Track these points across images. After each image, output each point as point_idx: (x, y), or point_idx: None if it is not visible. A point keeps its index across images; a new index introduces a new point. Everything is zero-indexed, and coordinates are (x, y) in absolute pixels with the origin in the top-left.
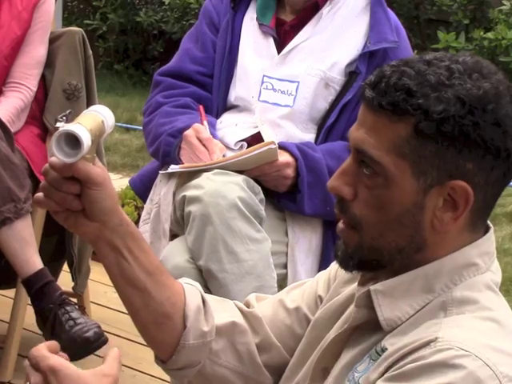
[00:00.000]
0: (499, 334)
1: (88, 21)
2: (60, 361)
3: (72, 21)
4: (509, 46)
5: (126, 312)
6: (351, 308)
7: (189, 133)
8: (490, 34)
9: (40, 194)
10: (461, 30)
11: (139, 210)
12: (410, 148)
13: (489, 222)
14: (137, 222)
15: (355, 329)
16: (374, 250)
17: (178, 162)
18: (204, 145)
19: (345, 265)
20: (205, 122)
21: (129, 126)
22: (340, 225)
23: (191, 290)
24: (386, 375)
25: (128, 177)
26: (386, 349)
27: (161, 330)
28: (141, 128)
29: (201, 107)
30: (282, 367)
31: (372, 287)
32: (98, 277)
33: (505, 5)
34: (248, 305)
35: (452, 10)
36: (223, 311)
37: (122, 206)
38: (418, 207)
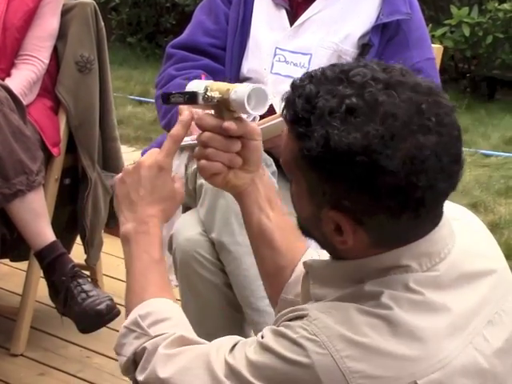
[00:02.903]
0: (380, 331)
1: None
2: None
3: None
4: None
5: None
6: None
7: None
8: (505, 6)
9: (203, 162)
10: (475, 2)
11: None
12: (301, 166)
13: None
14: None
15: None
16: (309, 235)
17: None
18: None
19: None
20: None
21: (142, 98)
22: None
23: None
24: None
25: (141, 150)
26: None
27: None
28: (154, 101)
29: (203, 77)
30: None
31: (309, 263)
32: (110, 249)
33: None
34: None
35: None
36: None
37: None
38: (318, 219)
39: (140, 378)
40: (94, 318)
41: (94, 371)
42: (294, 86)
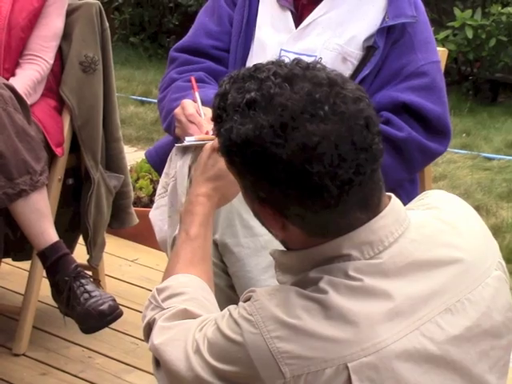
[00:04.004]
0: (313, 314)
1: None
2: None
3: None
4: None
5: (141, 285)
6: None
7: (177, 111)
8: (509, 9)
9: None
10: (478, 5)
11: (154, 183)
12: (225, 162)
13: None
14: (152, 196)
15: None
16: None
17: (179, 140)
18: (190, 120)
19: None
20: (196, 94)
21: (144, 98)
22: None
23: None
24: None
25: (143, 150)
26: None
27: None
28: (156, 101)
29: (192, 78)
30: None
31: (271, 252)
32: (112, 250)
33: None
34: None
35: None
36: None
37: (137, 179)
38: (256, 214)
39: (148, 345)
40: (96, 319)
41: (96, 372)
42: (218, 86)
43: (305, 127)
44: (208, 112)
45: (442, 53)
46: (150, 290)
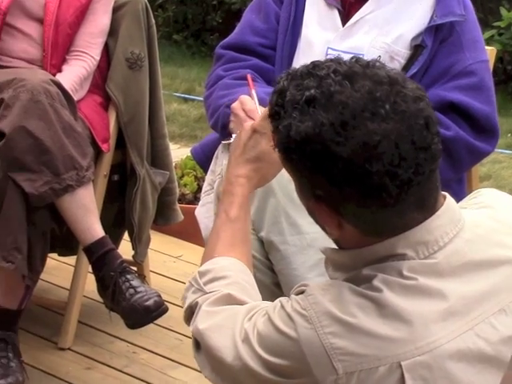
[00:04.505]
0: (367, 311)
1: None
2: None
3: None
4: None
5: (185, 282)
6: None
7: (235, 105)
8: None
9: None
10: None
11: (199, 180)
12: (281, 159)
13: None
14: (196, 193)
15: None
16: None
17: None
18: (249, 116)
19: None
20: (253, 92)
21: (187, 96)
22: None
23: None
24: None
25: (186, 147)
26: None
27: None
28: (199, 98)
29: (248, 76)
30: None
31: (323, 250)
32: (157, 246)
33: None
34: None
35: None
36: None
37: (182, 176)
38: (311, 212)
39: (191, 328)
40: (142, 314)
41: (140, 367)
42: (275, 82)
43: (366, 126)
44: (262, 110)
45: (490, 52)
46: None
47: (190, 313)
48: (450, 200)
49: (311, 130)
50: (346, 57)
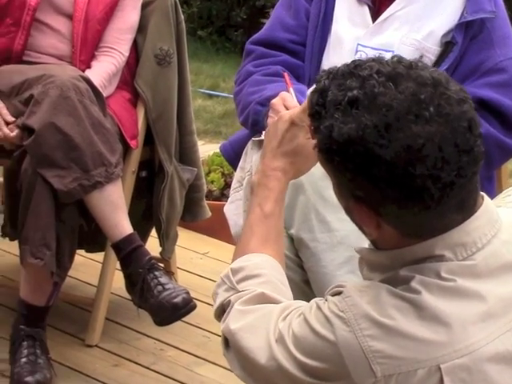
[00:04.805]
0: (406, 314)
1: None
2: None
3: None
4: None
5: (212, 279)
6: None
7: (276, 101)
8: None
9: None
10: None
11: (226, 176)
12: (321, 159)
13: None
14: (223, 189)
15: None
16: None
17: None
18: None
19: None
20: (291, 89)
21: (212, 92)
22: None
23: None
24: None
25: (210, 143)
26: None
27: None
28: (223, 94)
29: (285, 74)
30: None
31: (358, 250)
32: (183, 243)
33: None
34: None
35: None
36: None
37: (209, 172)
38: (349, 211)
39: (222, 327)
40: (170, 311)
41: (167, 364)
42: (316, 81)
43: (410, 128)
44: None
45: None
46: None
47: (222, 311)
48: (487, 200)
49: (354, 132)
50: (376, 53)
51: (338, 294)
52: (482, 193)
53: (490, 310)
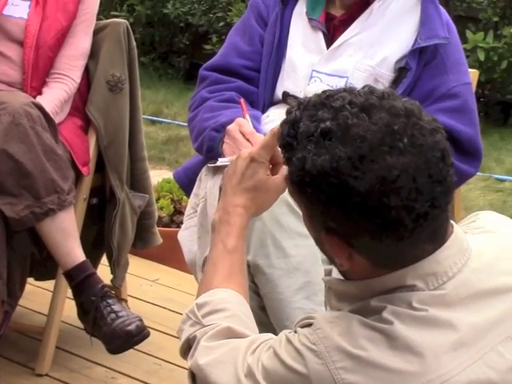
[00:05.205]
0: (378, 344)
1: (115, 12)
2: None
3: (99, 12)
4: None
5: (163, 306)
6: None
7: (232, 127)
8: None
9: None
10: (490, 28)
11: (175, 203)
12: (292, 190)
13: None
14: (173, 216)
15: None
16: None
17: (221, 156)
18: (247, 139)
19: None
20: (247, 116)
21: (155, 118)
22: None
23: None
24: None
25: (154, 169)
26: None
27: None
28: (166, 120)
29: (241, 101)
30: None
31: (326, 280)
32: (133, 269)
33: None
34: None
35: (482, 6)
36: None
37: (158, 198)
38: (320, 243)
39: (189, 363)
40: (123, 339)
41: None
42: (286, 112)
43: (384, 160)
44: (259, 138)
45: (472, 74)
46: (172, 311)
47: (188, 346)
48: (457, 229)
49: (328, 163)
50: (330, 79)
51: (308, 325)
52: (451, 221)
53: (462, 339)
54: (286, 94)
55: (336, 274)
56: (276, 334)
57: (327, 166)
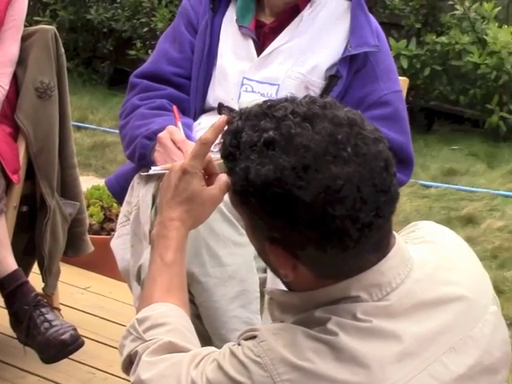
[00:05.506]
0: (323, 356)
1: (37, 17)
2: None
3: None
4: (461, 50)
5: (94, 314)
6: None
7: (163, 135)
8: (443, 38)
9: None
10: (412, 35)
11: (105, 210)
12: (234, 201)
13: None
14: (103, 223)
15: None
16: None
17: (153, 164)
18: (178, 147)
19: None
20: (179, 123)
21: (80, 124)
22: None
23: None
24: None
25: (81, 175)
26: None
27: None
28: (92, 126)
29: (174, 108)
30: None
31: (269, 291)
32: (63, 277)
33: (458, 10)
34: None
35: (404, 13)
36: None
37: (88, 206)
38: (264, 254)
39: (131, 378)
40: (57, 348)
41: None
42: (228, 123)
43: (328, 169)
44: (190, 147)
45: (402, 82)
46: (104, 319)
47: (130, 362)
48: (399, 240)
49: (272, 173)
50: (261, 87)
51: (252, 338)
52: (394, 232)
53: (406, 350)
54: (220, 105)
55: (271, 283)
56: (211, 342)
57: (271, 176)
